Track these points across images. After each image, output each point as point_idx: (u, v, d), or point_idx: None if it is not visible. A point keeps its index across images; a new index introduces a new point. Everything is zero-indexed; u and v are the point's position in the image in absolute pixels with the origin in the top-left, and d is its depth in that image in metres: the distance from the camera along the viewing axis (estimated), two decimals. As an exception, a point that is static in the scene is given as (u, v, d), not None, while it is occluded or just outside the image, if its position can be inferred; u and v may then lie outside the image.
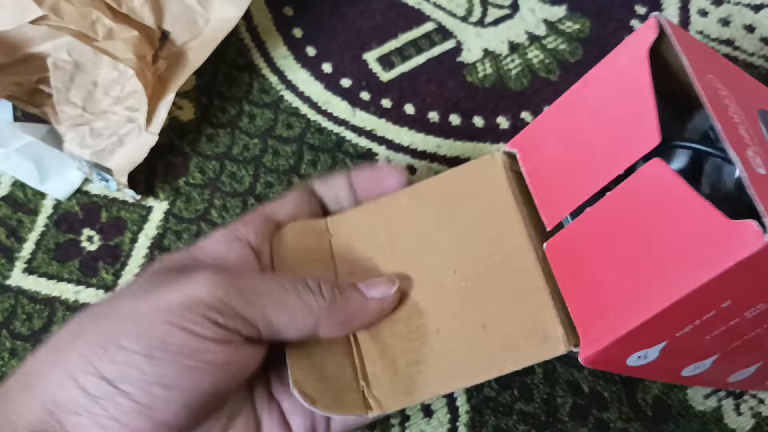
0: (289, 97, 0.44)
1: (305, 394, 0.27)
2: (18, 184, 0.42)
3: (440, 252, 0.30)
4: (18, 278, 0.40)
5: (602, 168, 0.27)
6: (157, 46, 0.42)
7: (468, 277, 0.29)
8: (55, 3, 0.39)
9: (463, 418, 0.35)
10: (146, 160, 0.40)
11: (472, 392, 0.35)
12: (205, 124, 0.44)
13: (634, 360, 0.27)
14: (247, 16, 0.47)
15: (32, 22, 0.39)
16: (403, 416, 0.35)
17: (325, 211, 0.33)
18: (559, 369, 0.36)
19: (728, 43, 0.44)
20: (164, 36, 0.42)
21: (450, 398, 0.35)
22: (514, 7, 0.47)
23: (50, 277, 0.40)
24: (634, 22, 0.45)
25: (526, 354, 0.27)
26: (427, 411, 0.35)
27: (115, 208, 0.41)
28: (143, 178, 0.42)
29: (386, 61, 0.45)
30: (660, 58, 0.27)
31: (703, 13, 0.45)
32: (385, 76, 0.45)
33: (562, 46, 0.45)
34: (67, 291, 0.39)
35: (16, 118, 0.42)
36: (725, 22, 0.45)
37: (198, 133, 0.43)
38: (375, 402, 0.28)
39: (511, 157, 0.31)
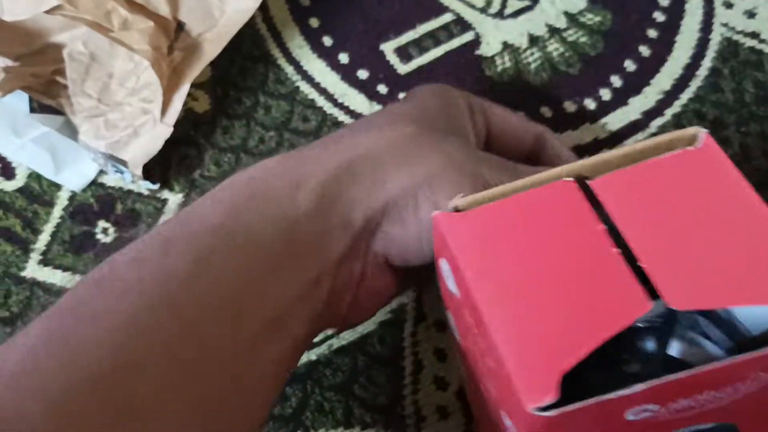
0: (306, 88, 0.44)
1: None
2: (34, 176, 0.42)
3: None
4: (33, 270, 0.40)
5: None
6: (173, 37, 0.41)
7: None
8: (71, -7, 0.38)
9: (479, 417, 0.35)
10: (161, 152, 0.39)
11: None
12: (220, 115, 0.43)
13: None
14: (263, 6, 0.46)
15: (48, 12, 0.39)
16: (419, 417, 0.35)
17: None
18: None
19: (754, 35, 0.44)
20: (180, 27, 0.42)
21: (464, 402, 0.35)
22: (535, -2, 0.46)
23: (65, 268, 0.40)
24: (657, 14, 0.44)
25: None
26: (443, 413, 0.35)
27: (130, 200, 0.41)
28: (159, 170, 0.42)
29: (404, 53, 0.44)
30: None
31: (729, 5, 0.45)
32: (403, 68, 0.44)
33: (583, 39, 0.44)
34: (82, 283, 0.39)
35: (32, 109, 0.42)
36: (751, 14, 0.44)
37: (213, 125, 0.43)
38: None
39: None
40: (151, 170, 0.41)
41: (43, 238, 0.40)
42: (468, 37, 0.45)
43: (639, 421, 0.22)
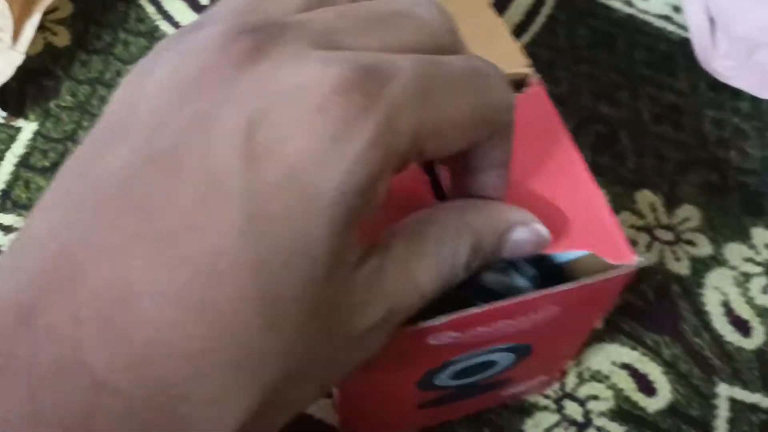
0: (165, 27, 0.45)
1: None
2: None
3: None
4: None
5: None
6: (26, -32, 0.42)
7: None
8: None
9: None
10: (19, 83, 0.41)
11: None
12: (79, 50, 0.45)
13: None
14: (128, -52, 0.47)
15: None
16: None
17: None
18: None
19: (628, 3, 0.46)
20: (34, -42, 0.43)
21: None
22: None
23: None
24: (504, -34, 0.47)
25: None
26: None
27: (-16, 126, 0.42)
28: (15, 101, 0.43)
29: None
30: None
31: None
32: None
33: None
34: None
35: None
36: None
37: (72, 58, 0.44)
38: None
39: None
40: (6, 100, 0.42)
41: None
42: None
43: (441, 344, 0.24)
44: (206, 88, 0.16)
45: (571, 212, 0.24)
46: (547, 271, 0.24)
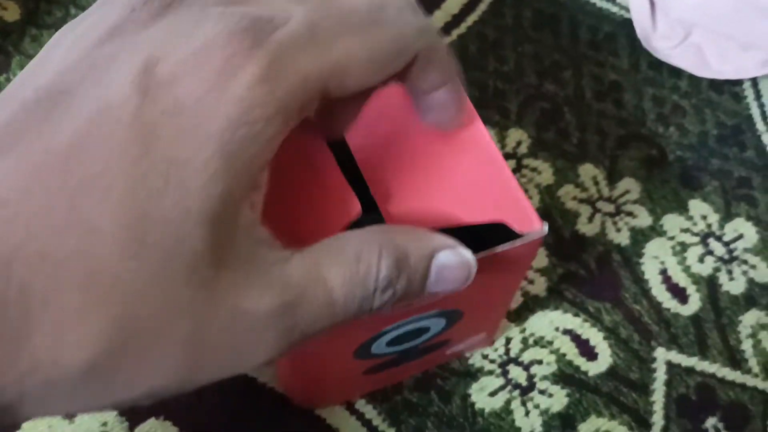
0: (117, 3, 0.46)
1: None
2: None
3: None
4: None
5: None
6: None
7: None
8: None
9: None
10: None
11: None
12: (30, 25, 0.45)
13: None
14: (80, -75, 0.47)
15: None
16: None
17: None
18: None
19: (538, -30, 0.48)
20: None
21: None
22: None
23: None
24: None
25: None
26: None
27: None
28: (-37, 74, 0.43)
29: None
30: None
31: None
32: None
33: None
34: None
35: None
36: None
37: (22, 33, 0.44)
38: None
39: None
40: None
41: None
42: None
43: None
44: (114, 39, 0.18)
45: (481, 185, 0.25)
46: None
